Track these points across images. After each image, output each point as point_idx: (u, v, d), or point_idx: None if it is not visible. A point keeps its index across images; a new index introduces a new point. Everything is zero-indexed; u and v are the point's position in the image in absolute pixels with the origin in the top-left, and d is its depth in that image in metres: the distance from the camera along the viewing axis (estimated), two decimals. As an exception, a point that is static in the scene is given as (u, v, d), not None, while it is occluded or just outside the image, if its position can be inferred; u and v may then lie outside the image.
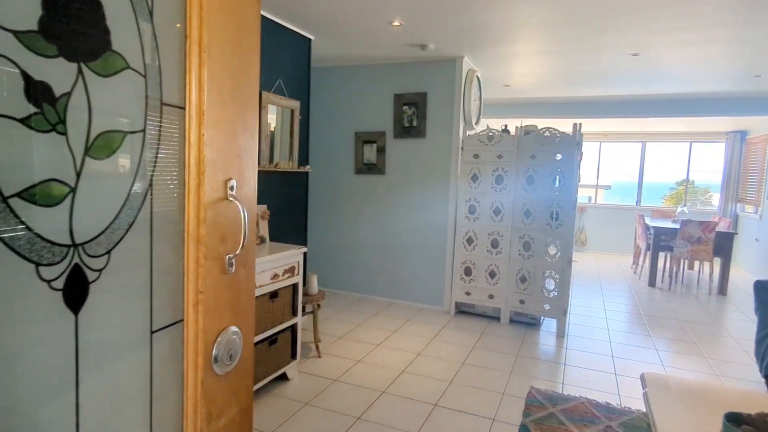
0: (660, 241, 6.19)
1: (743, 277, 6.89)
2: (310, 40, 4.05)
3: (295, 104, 3.86)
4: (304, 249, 3.10)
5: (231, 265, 0.87)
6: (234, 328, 0.90)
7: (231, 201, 0.86)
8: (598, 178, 9.57)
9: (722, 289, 5.79)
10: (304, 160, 4.07)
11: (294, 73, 3.88)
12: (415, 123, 4.71)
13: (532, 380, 3.23)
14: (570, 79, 5.54)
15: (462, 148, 4.54)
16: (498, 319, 4.49)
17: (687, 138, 8.53)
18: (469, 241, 4.51)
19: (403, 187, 4.84)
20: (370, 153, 4.94)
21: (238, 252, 0.88)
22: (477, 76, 4.83)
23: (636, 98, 6.50)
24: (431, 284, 4.80)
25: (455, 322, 4.43)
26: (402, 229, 4.87)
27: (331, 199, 5.20)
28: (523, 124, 4.48)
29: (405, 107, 4.74)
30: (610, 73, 5.10)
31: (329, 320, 4.32)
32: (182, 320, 0.83)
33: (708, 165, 9.53)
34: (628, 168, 9.25)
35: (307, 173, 4.14)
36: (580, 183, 5.17)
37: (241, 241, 0.88)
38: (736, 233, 5.83)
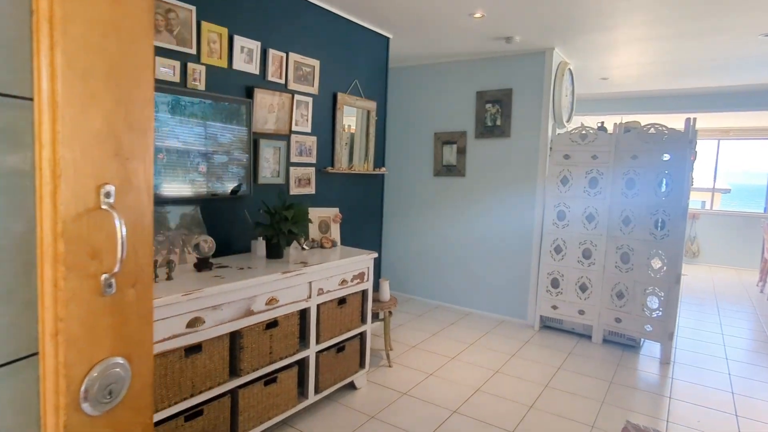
0: (796, 256, 5.22)
1: None
2: (388, 39, 3.94)
3: (372, 105, 3.77)
4: (374, 254, 2.98)
5: (110, 285, 0.73)
6: (117, 359, 0.75)
7: (105, 210, 0.72)
8: (715, 180, 8.41)
9: None
10: (380, 161, 3.97)
11: (371, 74, 3.79)
12: (498, 122, 4.41)
13: (629, 413, 2.82)
14: (681, 69, 4.86)
15: (551, 148, 4.15)
16: (589, 337, 4.03)
17: (834, 133, 7.16)
18: (557, 249, 4.11)
19: (484, 189, 4.56)
20: (449, 154, 4.72)
21: (116, 270, 0.73)
22: (569, 69, 4.40)
23: (765, 88, 5.56)
24: (513, 295, 4.46)
25: (539, 337, 4.06)
26: (482, 234, 4.59)
27: (407, 202, 5.06)
28: (623, 121, 3.98)
29: (488, 105, 4.45)
30: (732, 58, 4.38)
31: (403, 327, 4.18)
32: (36, 354, 0.69)
33: None
34: (754, 169, 8.00)
35: (383, 175, 4.03)
36: (692, 186, 4.52)
37: (119, 257, 0.72)
38: None
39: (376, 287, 3.53)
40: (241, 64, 2.74)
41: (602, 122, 4.22)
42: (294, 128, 3.12)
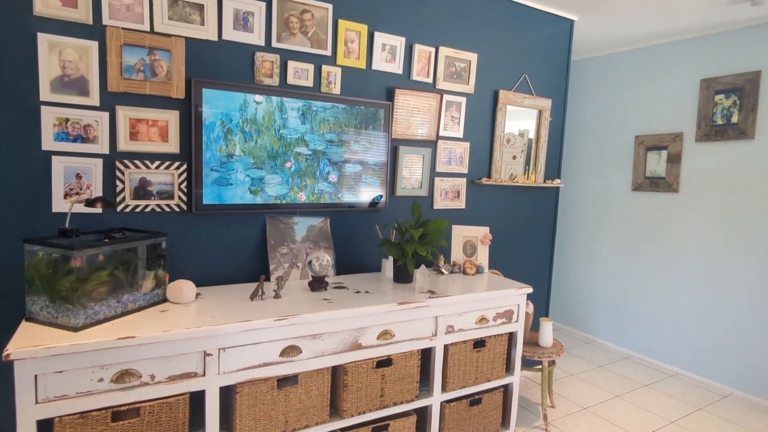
0: None
1: None
2: (571, 22, 3.21)
3: (545, 104, 3.11)
4: (528, 289, 2.36)
5: None
6: None
7: None
8: None
9: None
10: (553, 172, 3.26)
11: (546, 66, 3.13)
12: (735, 119, 3.19)
13: None
14: None
15: (827, 155, 2.78)
16: None
17: None
18: (833, 307, 2.72)
19: (707, 211, 3.36)
20: (656, 163, 3.64)
21: None
22: None
23: None
24: (748, 361, 3.15)
25: (792, 434, 2.74)
26: (702, 271, 3.39)
27: (595, 223, 4.11)
28: None
29: (719, 96, 3.27)
30: None
31: (574, 379, 3.35)
32: None
33: None
34: None
35: (557, 189, 3.30)
36: None
37: None
38: None
39: (536, 327, 2.87)
40: (382, 63, 2.48)
41: None
42: (442, 133, 2.72)
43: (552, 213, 3.31)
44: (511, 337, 2.40)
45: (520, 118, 3.13)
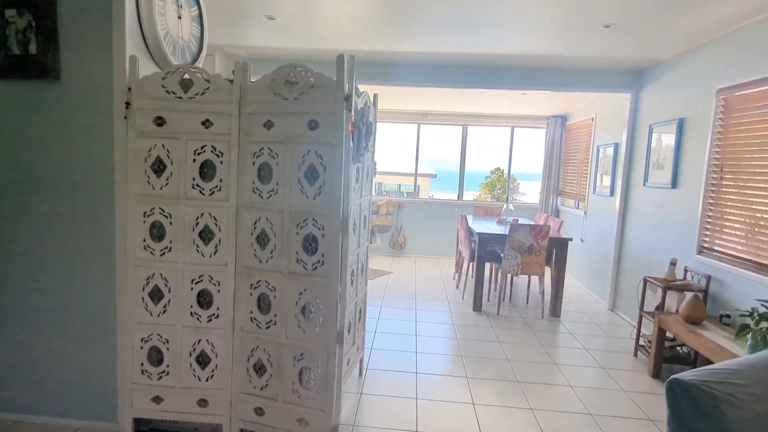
0: (485, 250, 4.80)
1: (572, 285, 6.00)
2: None
3: None
4: None
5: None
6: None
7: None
8: (417, 166, 8.19)
9: (555, 310, 4.61)
10: None
11: None
12: (32, 48, 2.20)
13: None
14: (376, 18, 3.62)
15: (128, 106, 2.19)
16: (220, 442, 2.33)
17: (509, 122, 7.58)
18: (155, 295, 2.23)
19: (16, 190, 2.30)
20: (-64, 111, 2.26)
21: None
22: (179, -30, 2.52)
23: (456, 59, 4.98)
24: (94, 384, 2.39)
25: (125, 466, 2.13)
26: (29, 280, 2.35)
27: None
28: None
29: (9, 12, 2.19)
30: (420, 9, 3.30)
31: None
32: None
33: (529, 153, 8.91)
34: (453, 155, 8.01)
35: None
36: (377, 172, 3.32)
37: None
38: (572, 239, 4.73)
39: None
40: None
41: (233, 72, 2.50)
42: None
43: None
44: None
45: None
